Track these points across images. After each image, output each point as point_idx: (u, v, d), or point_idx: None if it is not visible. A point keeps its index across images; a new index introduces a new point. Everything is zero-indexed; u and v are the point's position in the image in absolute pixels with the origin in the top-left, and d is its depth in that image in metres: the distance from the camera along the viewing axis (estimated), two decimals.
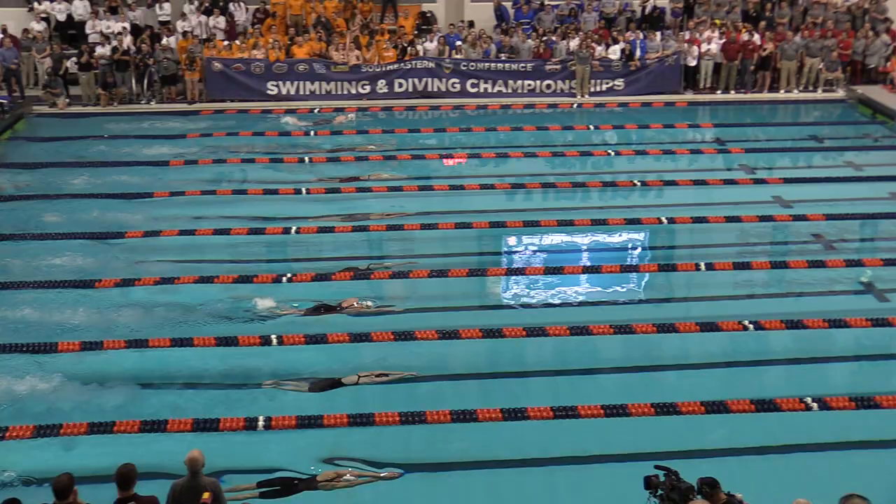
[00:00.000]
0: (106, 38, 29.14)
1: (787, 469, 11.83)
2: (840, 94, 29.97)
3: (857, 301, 16.83)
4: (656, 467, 8.59)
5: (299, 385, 13.88)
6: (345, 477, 11.80)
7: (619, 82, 29.71)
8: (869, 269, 17.67)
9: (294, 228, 19.36)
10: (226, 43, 29.75)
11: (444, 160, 24.05)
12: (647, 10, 31.76)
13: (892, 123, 27.17)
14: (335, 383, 13.89)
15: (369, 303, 16.20)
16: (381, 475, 11.87)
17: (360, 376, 13.96)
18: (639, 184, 22.19)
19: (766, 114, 29.30)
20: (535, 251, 18.76)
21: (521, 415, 12.88)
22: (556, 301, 16.61)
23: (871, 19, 31.62)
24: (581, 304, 16.56)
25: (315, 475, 11.86)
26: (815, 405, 13.12)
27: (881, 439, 12.61)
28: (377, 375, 13.97)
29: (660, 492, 8.31)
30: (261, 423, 12.71)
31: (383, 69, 29.28)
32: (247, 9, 31.39)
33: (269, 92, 29.06)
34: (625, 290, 17.16)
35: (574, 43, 29.71)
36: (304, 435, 12.63)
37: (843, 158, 24.68)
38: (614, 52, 29.76)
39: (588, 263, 18.02)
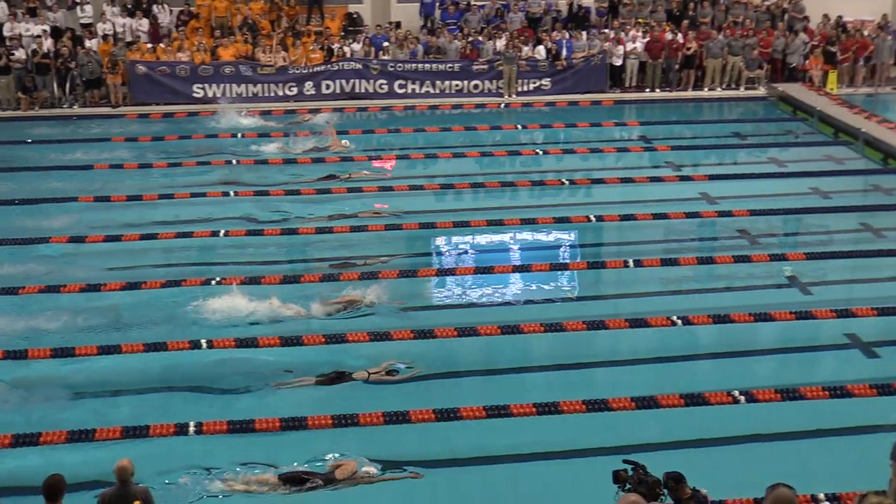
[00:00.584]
0: (22, 40, 28.59)
1: (716, 461, 11.98)
2: (762, 91, 30.52)
3: (781, 295, 17.12)
4: (625, 461, 8.64)
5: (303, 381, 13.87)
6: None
7: (546, 82, 29.92)
8: (792, 263, 18.01)
9: (223, 231, 19.18)
10: (150, 45, 29.38)
11: (374, 162, 23.99)
12: (573, 10, 32.02)
13: (812, 120, 27.72)
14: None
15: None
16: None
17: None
18: (567, 182, 22.38)
19: (691, 112, 29.70)
20: (465, 251, 18.79)
21: (453, 415, 12.88)
22: (487, 300, 16.65)
23: (790, 18, 32.24)
24: (511, 303, 16.63)
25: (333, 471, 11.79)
26: (742, 398, 13.32)
27: (806, 430, 12.85)
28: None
29: (628, 486, 8.35)
30: (192, 428, 12.56)
31: (310, 71, 29.16)
32: (171, 10, 31.02)
33: (195, 95, 28.78)
34: (555, 288, 17.26)
35: (501, 43, 29.87)
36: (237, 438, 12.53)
37: (766, 155, 25.10)
38: (540, 52, 29.97)
39: (518, 263, 18.10)
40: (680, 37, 30.43)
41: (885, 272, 18.00)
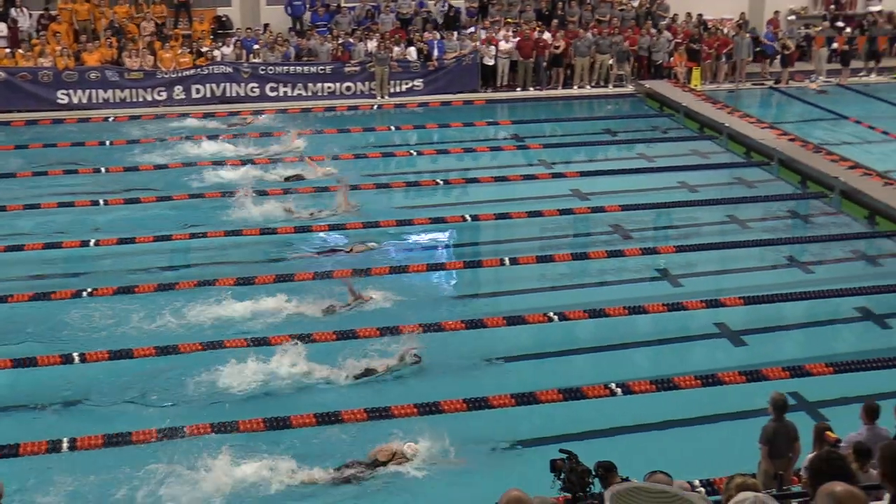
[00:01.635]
0: None
1: (595, 453, 12.15)
2: (629, 88, 31.18)
3: (653, 287, 17.54)
4: (561, 451, 8.72)
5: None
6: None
7: (419, 82, 30.03)
8: (663, 256, 18.46)
9: (93, 241, 18.72)
10: (8, 51, 28.47)
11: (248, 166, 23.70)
12: (444, 11, 32.22)
13: (678, 116, 28.44)
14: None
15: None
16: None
17: None
18: (442, 182, 22.47)
19: (562, 110, 30.17)
20: (343, 254, 18.68)
21: (334, 418, 12.83)
22: (368, 304, 16.53)
23: (655, 16, 33.02)
24: (390, 304, 16.58)
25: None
26: (619, 390, 13.61)
27: (680, 418, 13.18)
28: None
29: (563, 475, 8.42)
30: (65, 444, 12.23)
31: (179, 75, 28.67)
32: (30, 14, 30.10)
33: (59, 101, 28.02)
34: (432, 288, 17.32)
35: (372, 44, 29.86)
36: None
37: (636, 151, 25.68)
38: (412, 53, 30.07)
39: (396, 264, 18.09)
40: (549, 36, 30.89)
41: (750, 262, 18.61)
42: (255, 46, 29.67)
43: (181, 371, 14.06)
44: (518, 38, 30.52)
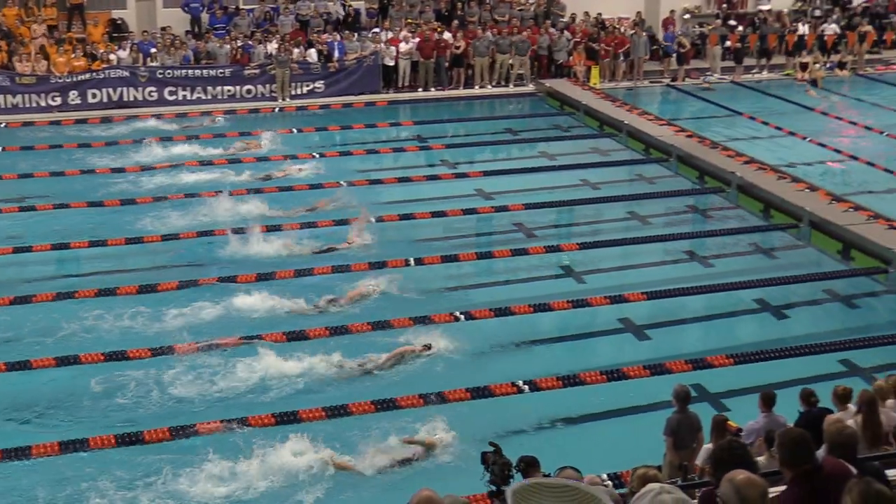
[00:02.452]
0: None
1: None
2: (530, 87, 31.45)
3: (558, 285, 17.72)
4: (490, 444, 8.81)
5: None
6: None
7: (320, 84, 29.87)
8: (566, 253, 18.67)
9: None
10: None
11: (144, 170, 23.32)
12: (344, 12, 32.12)
13: (578, 114, 28.78)
14: None
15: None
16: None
17: None
18: (345, 184, 22.33)
19: (463, 110, 30.30)
20: (241, 258, 18.43)
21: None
22: (267, 309, 16.34)
23: (552, 16, 33.37)
24: (302, 308, 16.41)
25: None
26: (526, 388, 13.72)
27: (587, 413, 13.35)
28: None
29: (491, 467, 8.49)
30: None
31: (74, 79, 28.05)
32: None
33: None
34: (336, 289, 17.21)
35: (272, 46, 29.60)
36: None
37: (537, 149, 25.92)
38: (312, 55, 29.90)
39: (300, 267, 17.87)
40: (449, 36, 31.01)
41: (652, 257, 18.92)
42: (153, 50, 29.19)
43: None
44: (418, 39, 30.57)
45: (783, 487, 6.19)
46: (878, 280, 17.77)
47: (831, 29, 34.92)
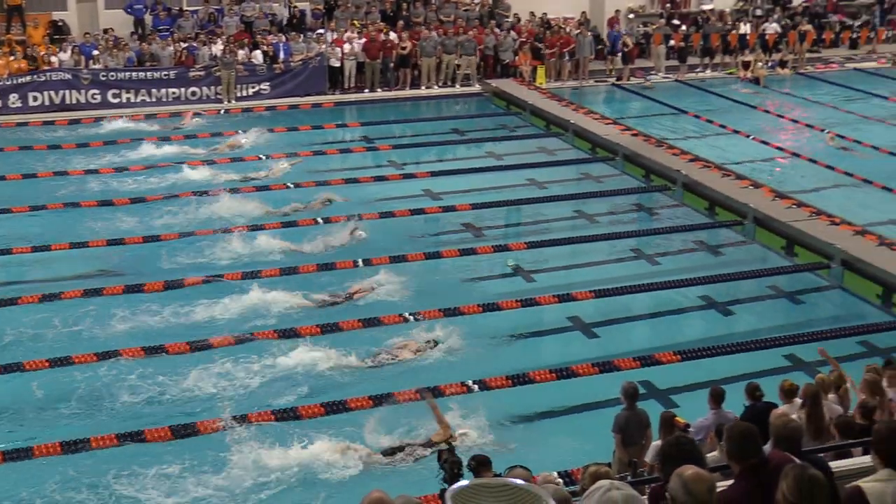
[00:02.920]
0: None
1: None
2: (476, 88, 31.52)
3: (506, 284, 17.78)
4: (445, 442, 8.84)
5: None
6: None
7: (265, 86, 29.72)
8: (514, 253, 18.72)
9: None
10: None
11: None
12: (289, 14, 31.98)
13: (525, 114, 28.90)
14: None
15: None
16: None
17: None
18: (292, 186, 22.23)
19: (410, 110, 30.29)
20: (191, 262, 18.29)
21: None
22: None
23: (497, 16, 33.49)
24: (243, 312, 16.27)
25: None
26: (476, 387, 13.75)
27: (537, 412, 13.40)
28: None
29: (443, 465, 8.52)
30: None
31: (14, 82, 27.63)
32: None
33: None
34: (287, 292, 17.06)
35: (217, 48, 29.39)
36: None
37: (484, 149, 25.98)
38: (258, 57, 29.74)
39: (248, 270, 17.74)
40: (395, 36, 30.99)
41: (599, 256, 19.03)
42: (95, 52, 28.85)
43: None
44: (364, 40, 30.51)
45: (731, 481, 6.27)
46: (820, 275, 18.03)
47: (772, 28, 35.38)
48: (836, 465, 7.92)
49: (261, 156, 24.56)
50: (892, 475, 5.05)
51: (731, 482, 6.23)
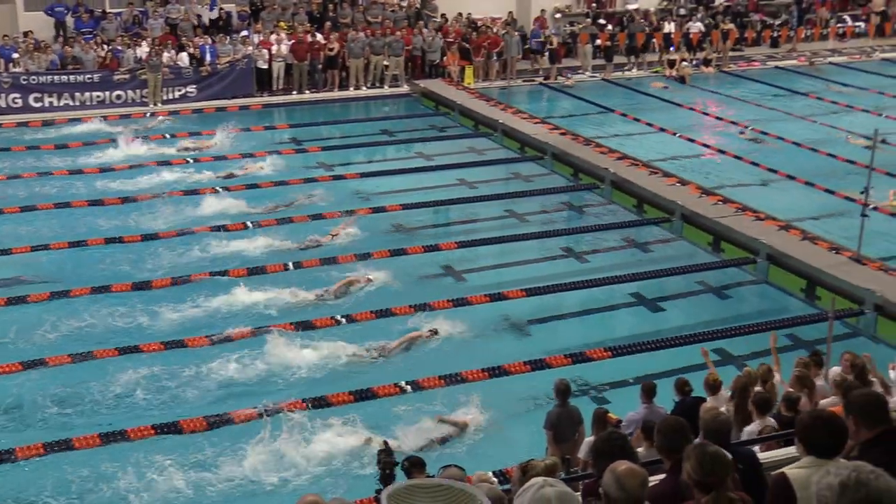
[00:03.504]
0: None
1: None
2: (405, 88, 31.51)
3: (438, 284, 17.78)
4: (383, 442, 8.85)
5: None
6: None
7: (192, 89, 29.39)
8: (445, 253, 18.75)
9: None
10: None
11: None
12: (215, 15, 31.68)
13: (453, 114, 28.96)
14: None
15: None
16: None
17: None
18: (220, 190, 22.02)
19: (339, 112, 30.15)
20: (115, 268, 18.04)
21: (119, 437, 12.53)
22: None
23: (425, 17, 33.52)
24: (175, 318, 16.10)
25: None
26: (409, 388, 13.77)
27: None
28: None
29: (378, 466, 8.52)
30: None
31: None
32: None
33: None
34: (221, 296, 16.92)
35: (142, 51, 29.00)
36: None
37: (414, 150, 25.98)
38: (184, 59, 29.41)
39: (178, 275, 17.54)
40: (322, 38, 30.85)
41: (530, 254, 19.14)
42: (14, 55, 28.27)
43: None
44: (292, 41, 30.34)
45: (663, 476, 6.34)
46: (747, 270, 18.34)
47: (696, 27, 35.90)
48: (764, 455, 8.06)
49: (188, 159, 24.30)
50: (815, 462, 5.17)
51: (663, 476, 6.30)
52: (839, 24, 40.14)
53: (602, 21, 35.64)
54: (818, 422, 5.28)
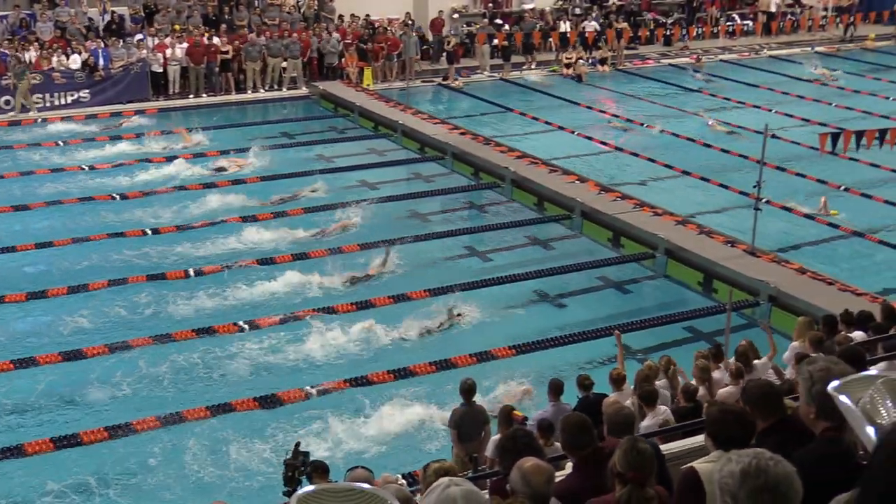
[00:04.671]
0: None
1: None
2: (303, 90, 31.32)
3: (341, 288, 17.68)
4: (295, 444, 8.74)
5: None
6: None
7: (85, 93, 28.79)
8: (346, 255, 18.64)
9: None
10: None
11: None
12: (108, 18, 31.06)
13: (353, 116, 28.88)
14: None
15: None
16: None
17: None
18: (118, 197, 21.59)
19: (237, 115, 29.77)
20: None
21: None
22: (50, 329, 15.68)
23: (323, 18, 33.37)
24: (75, 329, 15.77)
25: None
26: (314, 392, 13.71)
27: (377, 413, 13.41)
28: None
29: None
30: None
31: None
32: None
33: None
34: (120, 305, 16.63)
35: (31, 54, 28.27)
36: None
37: (314, 152, 25.81)
38: (75, 62, 28.76)
39: (74, 283, 17.14)
40: (219, 40, 30.48)
41: (432, 254, 19.17)
42: None
43: None
44: (187, 45, 29.92)
45: (566, 471, 6.42)
46: (645, 265, 18.67)
47: (591, 26, 36.42)
48: (667, 446, 8.20)
49: (83, 167, 23.78)
50: (723, 456, 5.28)
51: (568, 472, 6.38)
52: (728, 23, 41.14)
53: (499, 21, 35.91)
54: (728, 416, 5.39)
